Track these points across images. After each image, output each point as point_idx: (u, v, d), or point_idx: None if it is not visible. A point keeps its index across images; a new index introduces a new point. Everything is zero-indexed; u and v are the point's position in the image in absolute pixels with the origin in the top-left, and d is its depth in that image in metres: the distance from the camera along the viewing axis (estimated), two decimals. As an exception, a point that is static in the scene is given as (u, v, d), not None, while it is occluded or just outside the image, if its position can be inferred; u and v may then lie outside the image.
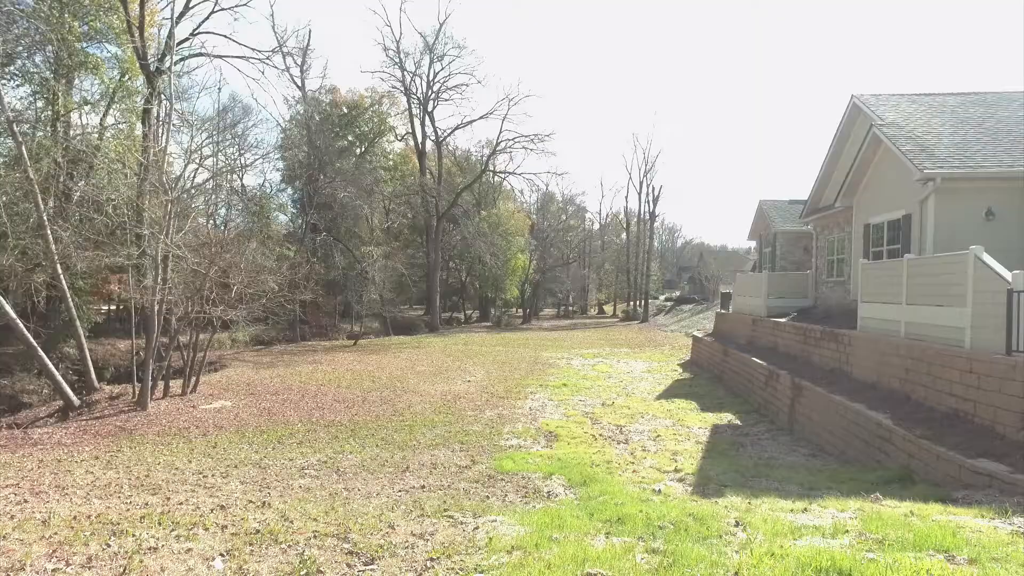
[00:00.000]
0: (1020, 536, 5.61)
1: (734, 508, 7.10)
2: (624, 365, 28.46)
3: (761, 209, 32.71)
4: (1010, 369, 9.50)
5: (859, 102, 19.66)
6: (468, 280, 62.30)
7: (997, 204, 15.31)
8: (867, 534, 5.54)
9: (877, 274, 14.91)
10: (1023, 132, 16.68)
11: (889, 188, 17.61)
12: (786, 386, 16.29)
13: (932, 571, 4.29)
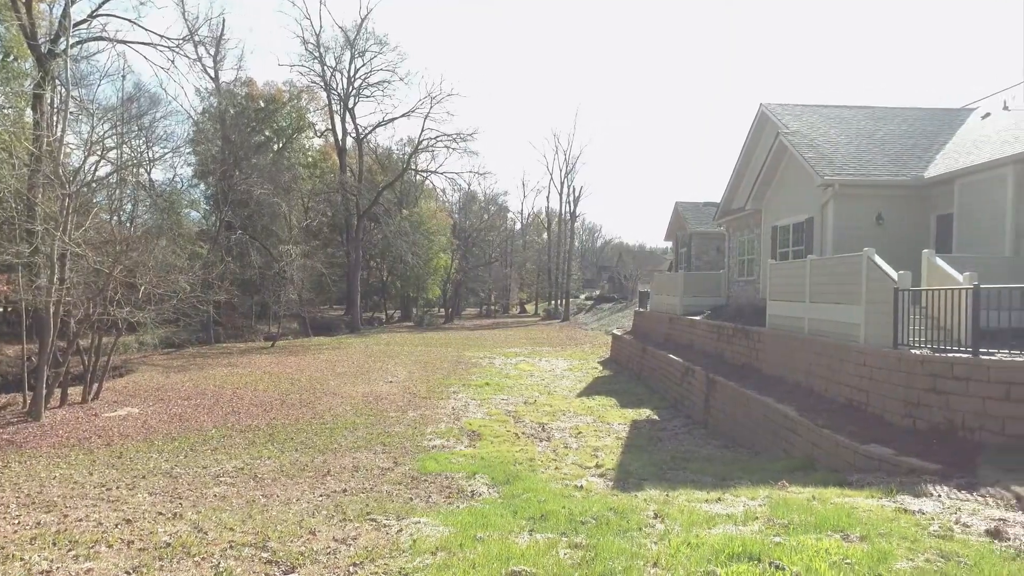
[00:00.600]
0: (902, 512, 6.11)
1: (653, 501, 7.35)
2: (546, 363, 28.86)
3: (677, 211, 33.89)
4: (896, 361, 10.28)
5: (767, 111, 20.71)
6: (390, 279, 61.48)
7: (886, 209, 16.52)
8: (775, 519, 5.87)
9: (783, 274, 15.76)
10: (907, 145, 18.07)
11: (794, 193, 18.64)
12: (701, 381, 16.97)
13: (830, 550, 4.61)
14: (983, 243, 14.27)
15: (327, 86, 51.25)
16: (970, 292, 9.39)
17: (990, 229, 14.25)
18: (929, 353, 9.80)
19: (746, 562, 4.31)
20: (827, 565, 4.20)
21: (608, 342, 33.73)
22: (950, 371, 9.29)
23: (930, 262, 11.59)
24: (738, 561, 4.34)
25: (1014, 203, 13.80)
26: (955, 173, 15.35)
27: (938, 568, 4.32)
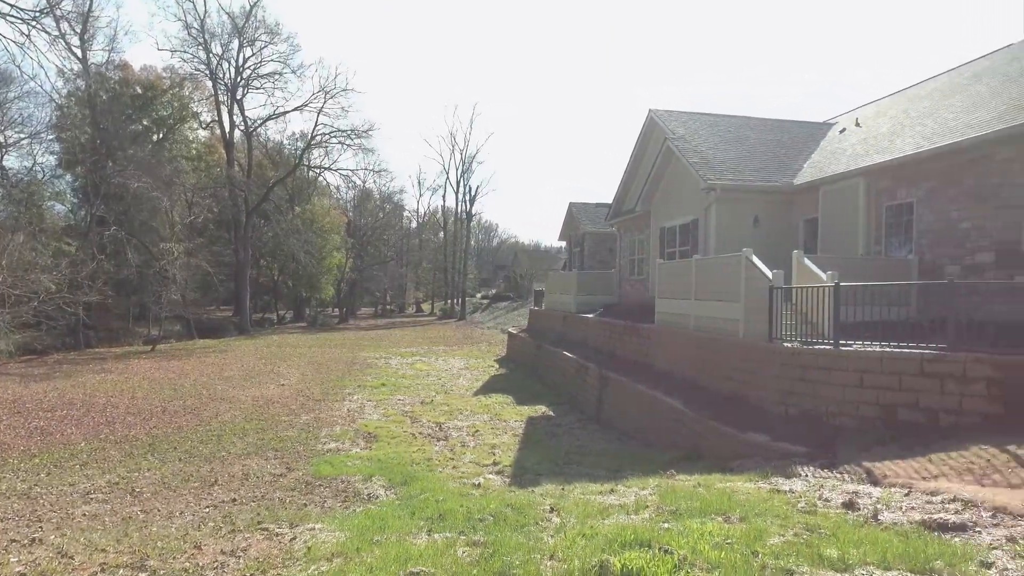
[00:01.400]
0: (775, 493, 6.62)
1: (549, 495, 7.54)
2: (442, 363, 28.80)
3: (571, 211, 34.79)
4: (771, 354, 11.09)
5: (655, 117, 21.68)
6: (281, 279, 59.15)
7: (762, 213, 17.77)
8: (664, 507, 6.19)
9: (671, 273, 16.56)
10: (779, 153, 19.53)
11: (680, 195, 19.64)
12: (594, 377, 17.53)
13: (713, 532, 4.93)
14: (842, 245, 15.65)
15: (213, 75, 48.54)
16: (832, 290, 10.28)
17: (847, 232, 15.66)
18: (799, 346, 10.64)
19: (638, 549, 4.52)
20: (710, 546, 4.49)
21: (504, 340, 34.12)
22: (816, 362, 10.14)
23: (799, 262, 12.57)
24: (630, 548, 4.55)
25: (865, 209, 15.26)
26: (819, 181, 16.75)
27: (804, 540, 4.72)
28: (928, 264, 13.57)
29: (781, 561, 4.17)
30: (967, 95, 15.07)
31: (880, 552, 4.31)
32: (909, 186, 14.29)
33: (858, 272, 12.49)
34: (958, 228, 13.05)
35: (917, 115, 16.35)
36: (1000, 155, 12.29)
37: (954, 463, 7.04)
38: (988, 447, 7.21)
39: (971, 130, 12.91)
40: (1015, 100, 12.81)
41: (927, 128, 14.91)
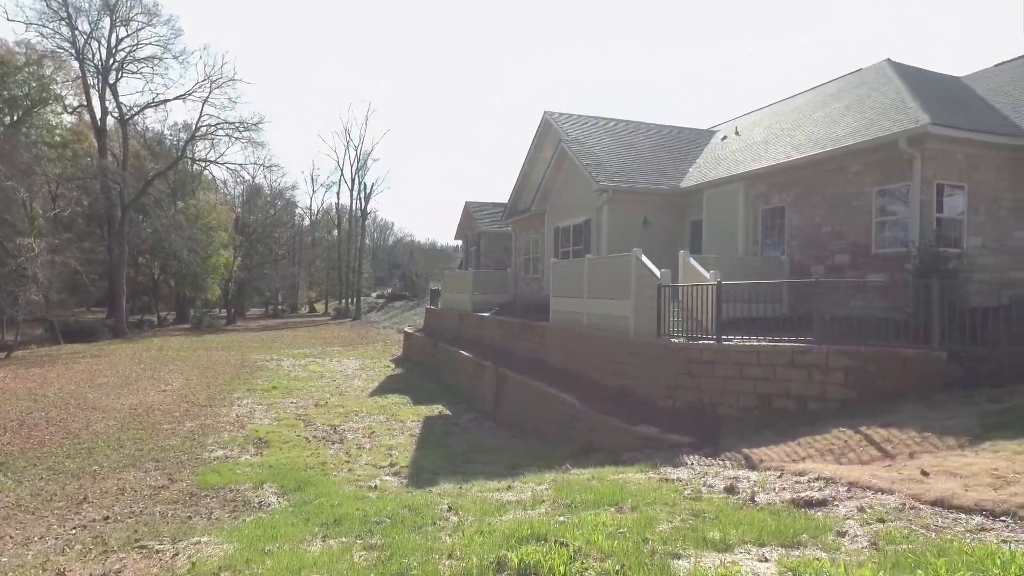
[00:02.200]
0: (664, 482, 6.96)
1: (447, 495, 7.54)
2: (337, 364, 28.07)
3: (467, 210, 34.88)
4: (660, 350, 11.64)
5: (551, 119, 22.14)
6: (162, 278, 55.38)
7: (651, 214, 18.59)
8: (559, 500, 6.35)
9: (565, 272, 16.98)
10: (667, 158, 20.51)
11: (574, 196, 20.17)
12: (491, 375, 17.68)
13: (606, 522, 5.11)
14: (724, 245, 16.66)
15: (80, 55, 44.40)
16: (714, 288, 10.93)
17: (729, 233, 16.69)
18: (685, 341, 11.23)
19: (534, 543, 4.62)
20: (604, 536, 4.66)
21: (400, 340, 33.72)
22: (700, 356, 10.74)
23: (685, 261, 13.25)
24: (527, 543, 4.64)
25: (744, 212, 16.33)
26: (703, 185, 17.73)
27: (690, 525, 5.01)
28: (798, 264, 14.71)
29: (669, 546, 4.40)
30: (827, 112, 16.45)
31: (756, 531, 4.65)
32: (781, 192, 15.43)
33: (738, 271, 13.36)
34: (821, 232, 14.24)
35: (787, 127, 17.66)
36: (852, 167, 13.55)
37: (818, 445, 7.70)
38: (845, 429, 7.93)
39: (830, 143, 14.13)
40: (863, 120, 14.13)
41: (795, 139, 16.15)
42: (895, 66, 16.03)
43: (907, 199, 12.41)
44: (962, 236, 12.57)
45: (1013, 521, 4.76)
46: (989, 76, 16.70)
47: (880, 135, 12.75)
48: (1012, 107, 14.32)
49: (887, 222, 12.89)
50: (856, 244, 13.42)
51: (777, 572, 3.76)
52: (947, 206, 12.49)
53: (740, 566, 3.90)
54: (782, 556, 4.08)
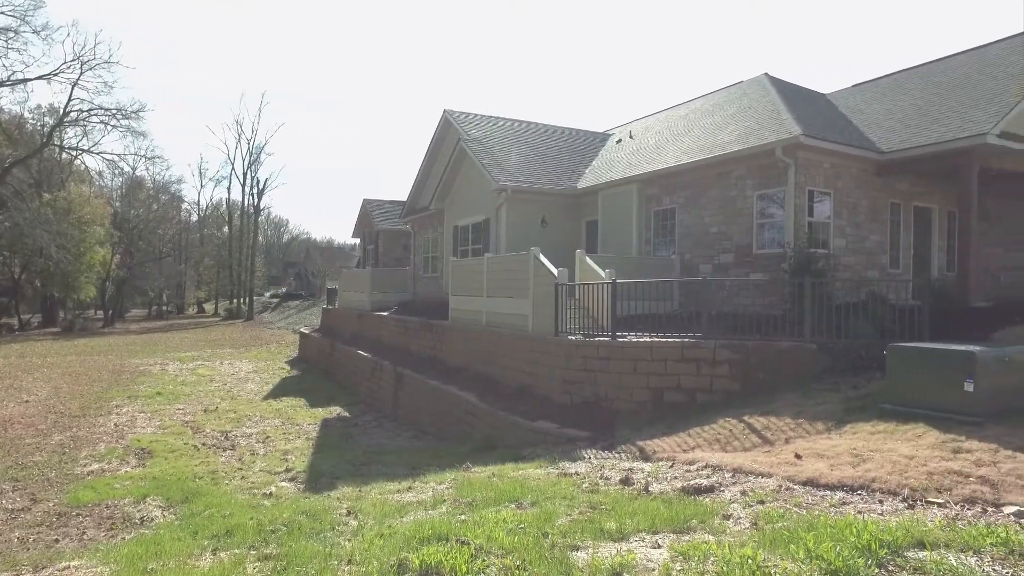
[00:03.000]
0: (563, 476, 7.16)
1: (346, 498, 7.39)
2: (228, 366, 26.75)
3: (365, 208, 34.19)
4: (557, 347, 11.92)
5: (450, 117, 22.09)
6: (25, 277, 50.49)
7: (549, 214, 18.99)
8: (460, 499, 6.38)
9: (464, 270, 17.02)
10: (564, 159, 21.01)
11: (473, 195, 20.24)
12: (390, 375, 17.45)
13: (507, 519, 5.20)
14: (619, 245, 17.28)
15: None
16: (610, 286, 11.32)
17: (623, 233, 17.32)
18: (582, 339, 11.56)
19: (436, 543, 4.62)
20: (505, 533, 4.73)
21: (296, 341, 32.58)
22: (597, 353, 11.09)
23: (582, 260, 13.63)
24: (429, 544, 4.64)
25: (637, 213, 17.01)
26: (598, 186, 18.30)
27: (588, 517, 5.18)
28: (687, 263, 15.49)
29: (568, 539, 4.54)
30: (713, 120, 17.43)
31: (650, 519, 4.88)
32: (672, 194, 16.18)
33: (632, 270, 13.90)
34: (709, 232, 15.07)
35: (678, 132, 18.54)
36: (736, 172, 14.44)
37: (707, 435, 8.16)
38: (730, 419, 8.46)
39: (716, 149, 14.97)
40: (745, 128, 15.09)
41: (685, 144, 16.98)
42: (773, 80, 17.21)
43: (783, 203, 13.36)
44: (829, 238, 13.68)
45: (867, 494, 5.29)
46: (848, 95, 18.33)
47: (759, 143, 13.65)
48: (867, 124, 15.75)
49: (766, 224, 13.83)
50: (740, 244, 14.30)
51: (669, 557, 3.96)
52: (816, 210, 13.56)
53: (635, 554, 4.08)
54: (673, 541, 4.31)
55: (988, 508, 4.75)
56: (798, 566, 3.50)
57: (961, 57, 17.16)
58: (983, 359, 6.82)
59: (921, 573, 3.42)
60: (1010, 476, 5.24)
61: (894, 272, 14.91)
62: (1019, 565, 3.53)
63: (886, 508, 4.95)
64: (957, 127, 13.38)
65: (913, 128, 14.51)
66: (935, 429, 6.51)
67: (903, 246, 15.26)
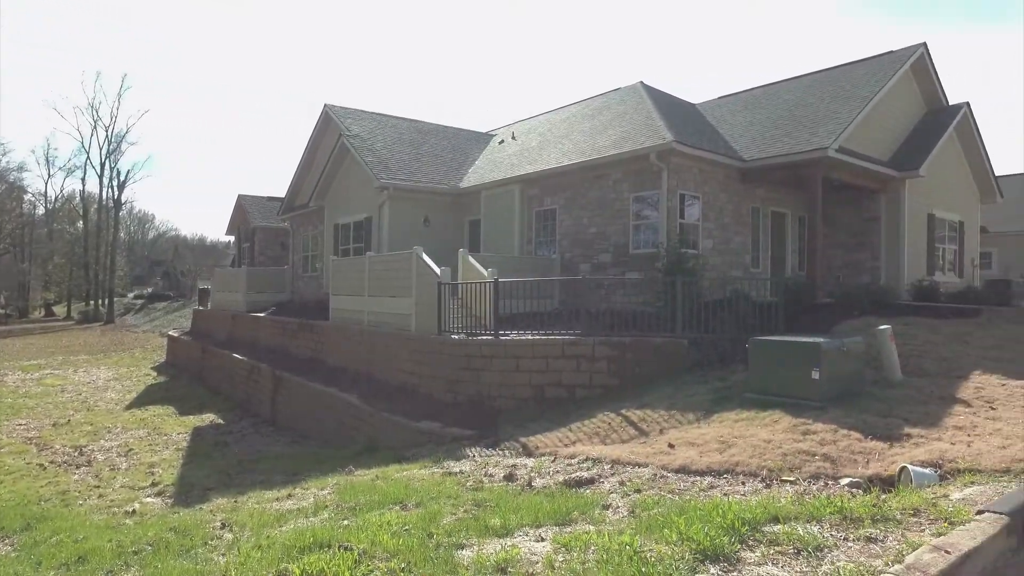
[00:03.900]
0: (448, 476, 7.18)
1: (220, 511, 7.01)
2: (84, 374, 24.50)
3: (240, 204, 32.49)
4: (440, 346, 11.92)
5: (331, 112, 21.44)
6: None
7: (432, 213, 18.94)
8: (343, 504, 6.23)
9: (345, 269, 16.61)
10: (447, 158, 21.01)
11: (355, 193, 19.78)
12: (267, 378, 16.71)
13: (391, 522, 5.13)
14: (502, 244, 17.51)
15: None
16: (492, 285, 11.46)
17: (506, 233, 17.58)
18: (465, 337, 11.62)
19: (318, 551, 4.49)
20: (389, 536, 4.68)
21: (164, 345, 30.39)
22: (480, 351, 11.19)
23: (465, 259, 13.70)
24: (310, 552, 4.50)
25: (520, 213, 17.34)
26: (481, 186, 18.46)
27: (473, 515, 5.23)
28: (568, 262, 15.96)
29: (454, 538, 4.56)
30: (593, 124, 18.08)
31: (534, 514, 5.00)
32: (554, 195, 16.61)
33: (515, 269, 14.14)
34: (588, 232, 15.61)
35: (559, 135, 19.06)
36: (614, 175, 15.07)
37: (587, 429, 8.47)
38: (609, 412, 8.83)
39: (595, 153, 15.55)
40: (622, 133, 15.79)
41: (566, 146, 17.49)
42: (647, 88, 18.10)
43: (657, 205, 14.09)
44: (698, 239, 14.60)
45: (731, 477, 5.73)
46: (715, 106, 19.67)
47: (635, 148, 14.32)
48: (731, 134, 16.97)
49: (642, 225, 14.52)
50: (617, 244, 14.93)
51: (552, 549, 4.08)
52: (687, 213, 14.42)
53: (519, 548, 4.17)
54: (556, 534, 4.45)
55: (829, 482, 5.29)
56: (671, 548, 3.72)
57: (810, 77, 18.90)
58: (827, 349, 7.56)
59: (775, 544, 3.75)
60: (846, 452, 5.86)
61: (755, 271, 16.14)
62: (850, 528, 3.96)
63: (747, 489, 5.37)
64: (805, 141, 14.72)
65: (770, 139, 15.79)
66: (789, 415, 7.13)
67: (762, 247, 16.56)
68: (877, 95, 15.82)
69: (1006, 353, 9.88)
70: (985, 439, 5.96)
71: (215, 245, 78.42)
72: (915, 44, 17.70)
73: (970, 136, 19.06)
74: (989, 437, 6.01)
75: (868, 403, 7.41)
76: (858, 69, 17.79)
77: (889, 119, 17.05)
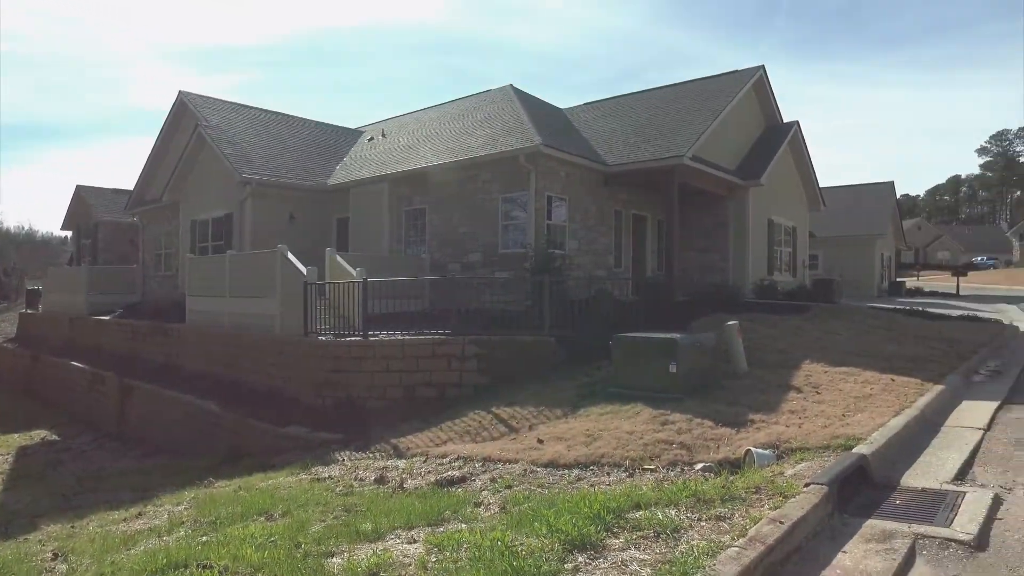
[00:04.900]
0: (316, 482, 6.97)
1: (53, 539, 6.35)
2: None
3: (80, 196, 29.48)
4: (307, 348, 11.51)
5: (187, 100, 19.99)
6: None
7: (298, 210, 18.21)
8: (202, 519, 5.86)
9: (204, 269, 15.58)
10: (315, 154, 20.30)
11: (214, 187, 18.58)
12: (113, 388, 15.32)
13: (255, 534, 4.88)
14: (371, 243, 17.18)
15: None
16: (360, 285, 11.22)
17: (375, 232, 17.27)
18: (333, 339, 11.29)
19: (173, 573, 4.20)
20: (253, 549, 4.46)
21: (-18, 354, 26.90)
22: (348, 352, 10.93)
23: (332, 259, 13.31)
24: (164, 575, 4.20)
25: (389, 212, 17.11)
26: (350, 183, 18.01)
27: (343, 521, 5.11)
28: (438, 262, 15.95)
29: (323, 546, 4.42)
30: (464, 124, 18.17)
31: (406, 516, 4.96)
32: (423, 194, 16.53)
33: (384, 269, 13.92)
34: (458, 232, 15.68)
35: (430, 134, 18.97)
36: (483, 176, 15.26)
37: (458, 428, 8.51)
38: (480, 411, 8.93)
39: (465, 153, 15.66)
40: (492, 135, 16.02)
41: (436, 146, 17.45)
42: (517, 92, 18.45)
43: (526, 206, 14.42)
44: (565, 240, 15.11)
45: (598, 468, 6.01)
46: (581, 112, 20.48)
47: (505, 149, 14.57)
48: (596, 139, 17.74)
49: (511, 225, 14.80)
50: (487, 244, 15.11)
51: (424, 551, 4.08)
52: (554, 214, 14.88)
53: (391, 552, 4.13)
54: (429, 535, 4.45)
55: (685, 468, 5.69)
56: (541, 541, 3.84)
57: (668, 89, 20.20)
58: (683, 345, 8.11)
59: (637, 530, 3.98)
60: (700, 440, 6.32)
61: (618, 271, 16.97)
62: (703, 509, 4.30)
63: (613, 479, 5.65)
64: (663, 148, 15.68)
65: (631, 146, 16.66)
66: (649, 407, 7.57)
67: (625, 248, 17.44)
68: (726, 108, 17.16)
69: (828, 343, 11.10)
70: (812, 420, 6.66)
71: (47, 240, 70.45)
72: (755, 66, 19.41)
73: (800, 151, 21.17)
74: (815, 419, 6.73)
75: (719, 393, 8.04)
76: (709, 84, 19.22)
77: (735, 132, 18.56)
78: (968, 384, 9.04)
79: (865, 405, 7.19)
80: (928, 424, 6.72)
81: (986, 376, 9.60)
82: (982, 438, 6.22)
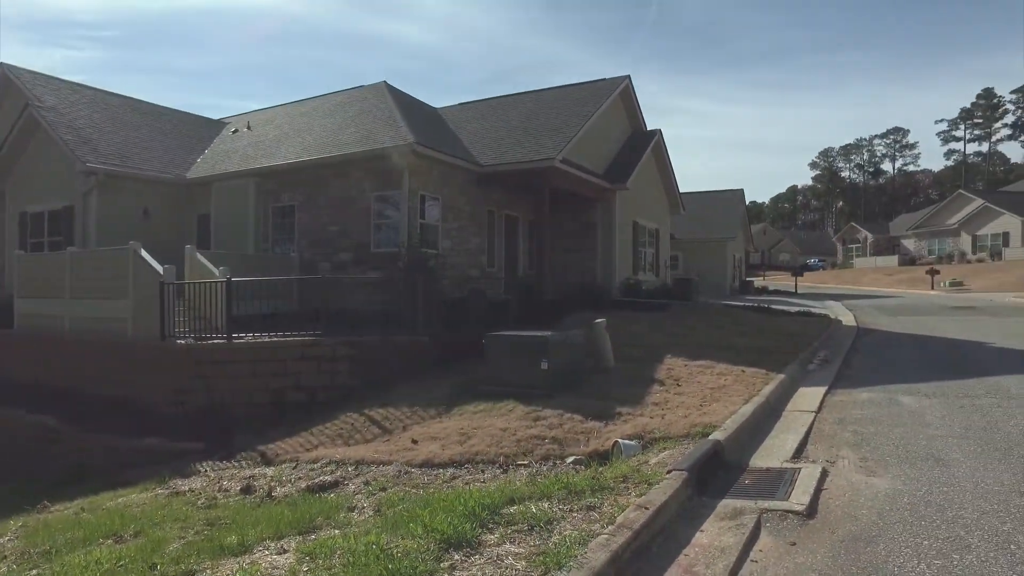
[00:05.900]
0: (175, 496, 6.53)
1: None
2: None
3: None
4: (164, 353, 10.72)
5: (12, 75, 17.84)
6: None
7: (153, 205, 16.87)
8: (32, 550, 5.29)
9: (38, 267, 14.04)
10: (172, 145, 18.87)
11: (50, 176, 16.75)
12: (-77, 403, 13.40)
13: (101, 559, 4.48)
14: (235, 241, 16.26)
15: None
16: (224, 285, 10.60)
17: (240, 229, 16.37)
18: (193, 342, 10.58)
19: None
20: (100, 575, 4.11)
21: None
22: (211, 356, 10.30)
23: (193, 257, 12.46)
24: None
25: (255, 209, 16.30)
26: (212, 177, 16.96)
27: (205, 536, 4.82)
28: (307, 261, 15.39)
29: (182, 565, 4.15)
30: (335, 120, 17.65)
31: (275, 525, 4.76)
32: (291, 190, 15.88)
33: (250, 268, 13.23)
34: (328, 230, 15.23)
35: (299, 128, 18.24)
36: (355, 173, 14.93)
37: (329, 431, 8.28)
38: (352, 413, 8.74)
39: (336, 149, 15.24)
40: (365, 131, 15.71)
41: (306, 141, 16.83)
42: (391, 89, 18.19)
43: (399, 205, 14.25)
44: (438, 239, 15.10)
45: (472, 466, 6.09)
46: (455, 112, 20.57)
47: (377, 147, 14.32)
48: (470, 139, 17.89)
49: (383, 224, 14.57)
50: (359, 243, 14.78)
51: (296, 560, 3.94)
52: (428, 213, 14.83)
53: (259, 564, 3.96)
54: (300, 543, 4.30)
55: (557, 462, 5.90)
56: (417, 542, 3.83)
57: (541, 93, 20.76)
58: (553, 342, 8.38)
59: (512, 524, 4.08)
60: (571, 434, 6.58)
61: (491, 271, 17.20)
62: (574, 501, 4.48)
63: (487, 476, 5.74)
64: (534, 151, 16.09)
65: (504, 147, 16.95)
66: (522, 404, 7.76)
67: (497, 248, 17.71)
68: (595, 114, 17.90)
69: (688, 338, 11.92)
70: (674, 411, 7.14)
71: None
72: (622, 75, 20.40)
73: (662, 157, 22.53)
74: (676, 409, 7.21)
75: (588, 388, 8.39)
76: (579, 91, 19.97)
77: (603, 137, 19.41)
78: (804, 372, 10.06)
79: (720, 395, 7.80)
80: (772, 410, 7.42)
81: (818, 365, 10.74)
82: (814, 420, 6.96)
